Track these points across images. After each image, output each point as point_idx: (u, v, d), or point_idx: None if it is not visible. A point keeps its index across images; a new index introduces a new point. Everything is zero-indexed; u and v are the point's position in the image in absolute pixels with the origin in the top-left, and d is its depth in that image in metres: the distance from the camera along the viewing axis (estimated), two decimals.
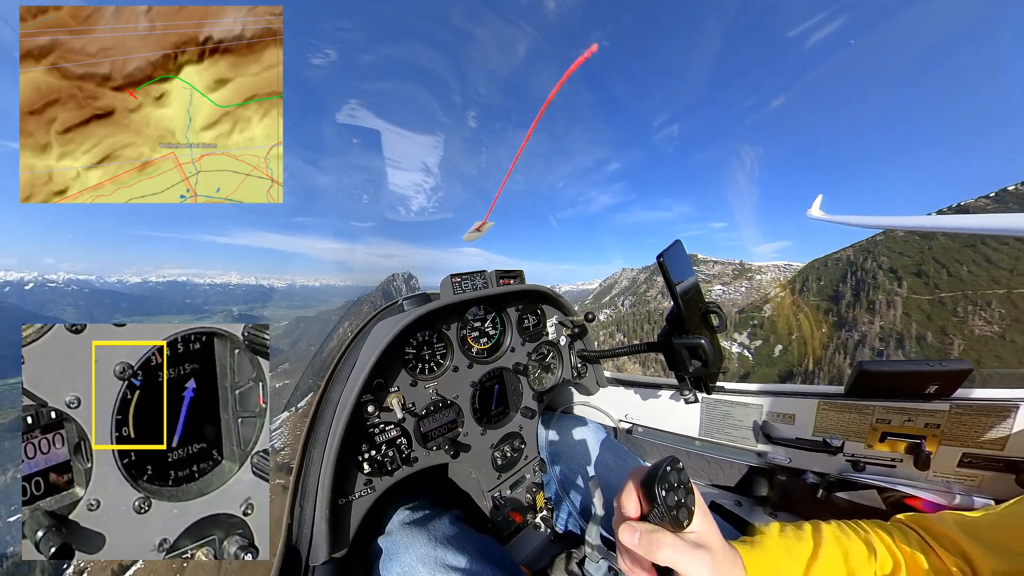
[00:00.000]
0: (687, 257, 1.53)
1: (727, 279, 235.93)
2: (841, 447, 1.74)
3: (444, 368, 1.78)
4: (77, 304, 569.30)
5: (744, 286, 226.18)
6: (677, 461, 0.84)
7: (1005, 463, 1.46)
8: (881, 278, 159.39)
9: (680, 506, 0.80)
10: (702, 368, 1.55)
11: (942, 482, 1.58)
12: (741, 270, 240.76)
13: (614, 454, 1.97)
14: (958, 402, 1.53)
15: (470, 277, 1.83)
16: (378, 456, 1.52)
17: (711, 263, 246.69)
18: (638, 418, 2.37)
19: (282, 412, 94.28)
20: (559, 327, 2.26)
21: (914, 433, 1.60)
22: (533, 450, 2.11)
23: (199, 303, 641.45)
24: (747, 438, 1.99)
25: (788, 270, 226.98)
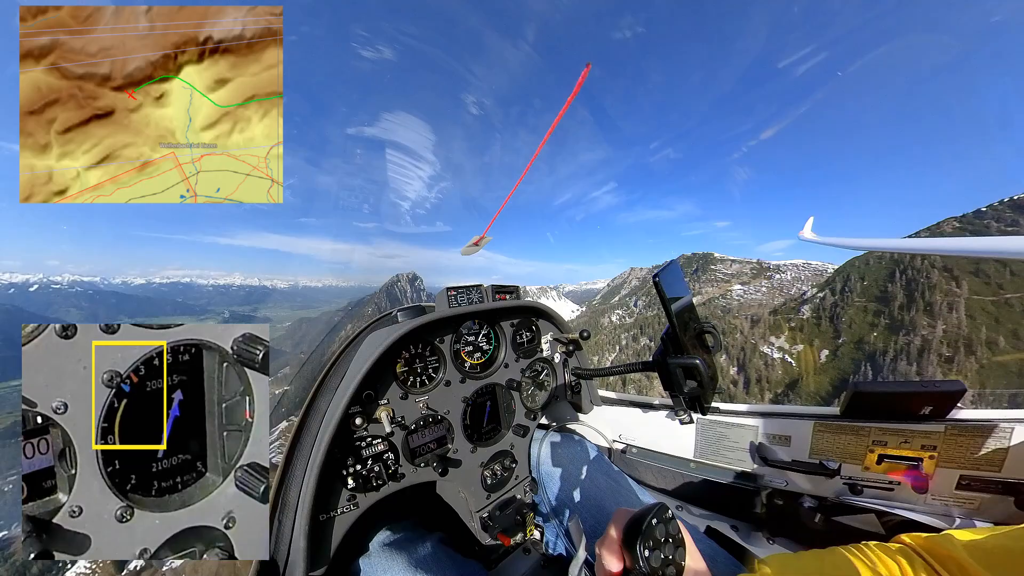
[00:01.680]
0: (683, 277, 1.54)
1: (745, 278, 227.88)
2: (838, 470, 1.72)
3: (436, 382, 1.75)
4: (81, 306, 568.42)
5: (764, 286, 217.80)
6: (665, 510, 0.79)
7: (1003, 485, 1.45)
8: (936, 278, 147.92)
9: (667, 564, 0.74)
10: (697, 388, 1.55)
11: (941, 505, 1.56)
12: (760, 269, 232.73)
13: (608, 476, 1.93)
14: (953, 423, 1.52)
15: (466, 291, 1.83)
16: (363, 471, 1.48)
17: (728, 262, 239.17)
18: (633, 438, 2.34)
19: (281, 422, 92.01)
20: (554, 344, 2.25)
21: (911, 455, 1.59)
22: (524, 469, 2.07)
23: (202, 304, 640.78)
24: (743, 460, 1.96)
25: (808, 268, 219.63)
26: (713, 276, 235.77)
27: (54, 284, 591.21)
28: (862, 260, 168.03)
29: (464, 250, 2.16)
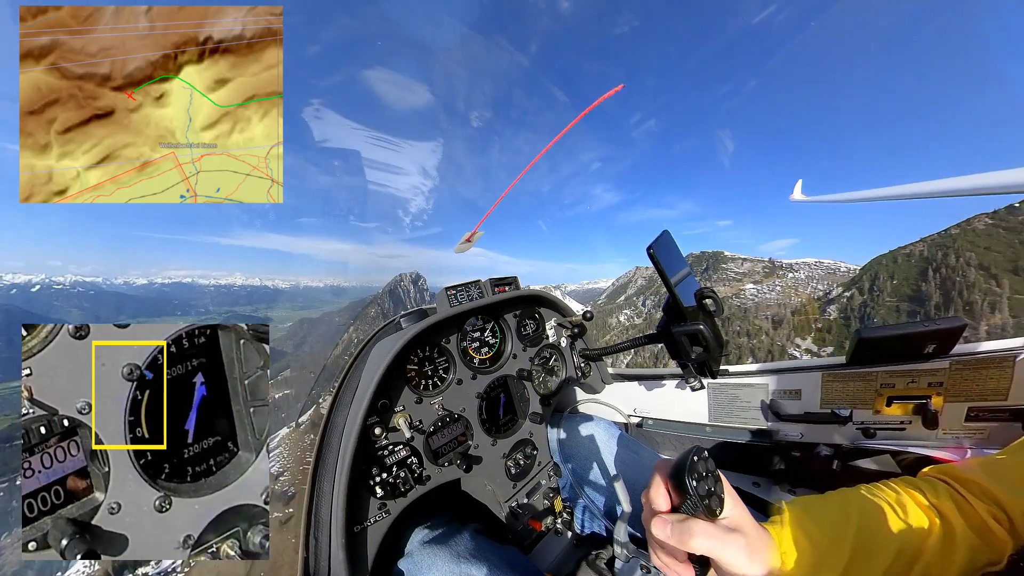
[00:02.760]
0: (677, 247, 1.55)
1: (757, 277, 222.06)
2: (850, 416, 1.75)
3: (448, 382, 1.77)
4: (83, 306, 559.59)
5: (778, 285, 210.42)
6: (703, 450, 0.82)
7: (1011, 412, 1.49)
8: (974, 276, 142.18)
9: (711, 495, 0.79)
10: (704, 354, 1.56)
11: (952, 438, 1.60)
12: (772, 268, 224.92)
13: (629, 449, 1.95)
14: (957, 358, 1.56)
15: (465, 288, 1.84)
16: (390, 478, 1.50)
17: (739, 261, 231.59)
18: (647, 411, 2.37)
19: (281, 428, 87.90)
20: (558, 329, 2.26)
21: (919, 394, 1.62)
22: (546, 455, 2.09)
23: (204, 304, 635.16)
24: (757, 418, 1.99)
25: (820, 267, 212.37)
26: (725, 275, 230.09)
27: (56, 284, 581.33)
28: (889, 258, 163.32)
29: (457, 248, 2.17)
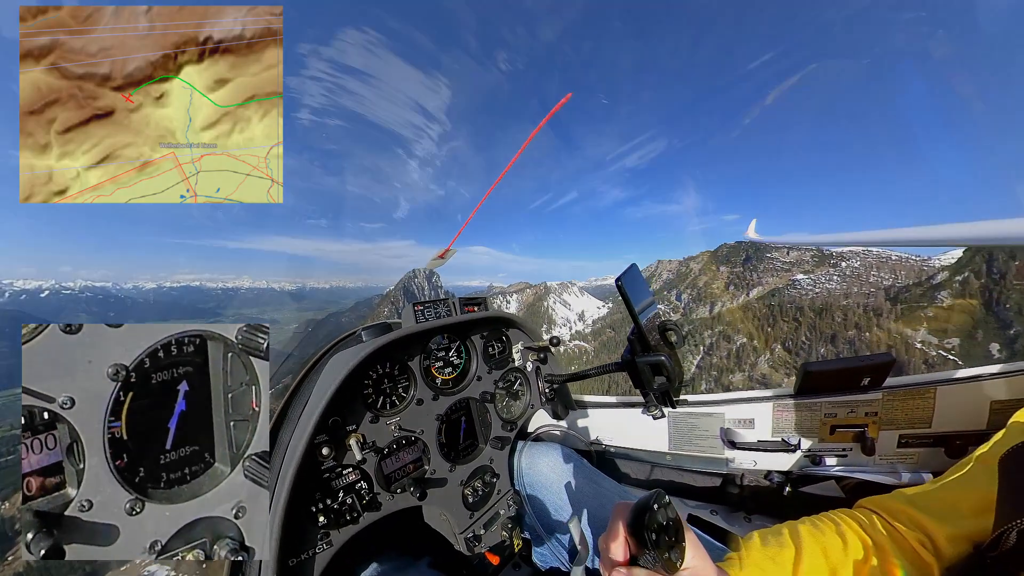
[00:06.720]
0: (643, 279, 1.66)
1: (807, 267, 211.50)
2: (798, 444, 1.88)
3: (407, 401, 1.69)
4: (91, 311, 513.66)
5: (835, 275, 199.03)
6: (663, 496, 0.81)
7: (934, 438, 1.66)
8: None
9: (672, 547, 0.77)
10: (666, 383, 1.63)
11: (887, 464, 1.75)
12: (821, 257, 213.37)
13: (589, 480, 1.92)
14: (889, 390, 1.73)
15: (432, 305, 1.80)
16: (334, 504, 1.39)
17: (785, 250, 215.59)
18: (609, 439, 2.42)
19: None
20: (525, 352, 2.26)
21: (858, 423, 1.78)
22: (506, 483, 2.03)
23: (211, 307, 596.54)
24: (715, 447, 2.09)
25: (871, 255, 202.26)
26: (771, 265, 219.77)
27: (66, 290, 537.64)
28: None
29: (429, 264, 2.18)
